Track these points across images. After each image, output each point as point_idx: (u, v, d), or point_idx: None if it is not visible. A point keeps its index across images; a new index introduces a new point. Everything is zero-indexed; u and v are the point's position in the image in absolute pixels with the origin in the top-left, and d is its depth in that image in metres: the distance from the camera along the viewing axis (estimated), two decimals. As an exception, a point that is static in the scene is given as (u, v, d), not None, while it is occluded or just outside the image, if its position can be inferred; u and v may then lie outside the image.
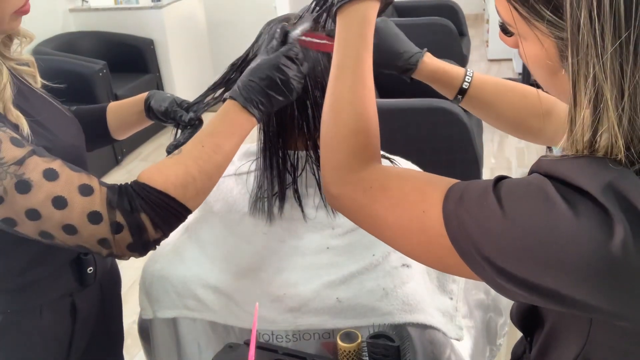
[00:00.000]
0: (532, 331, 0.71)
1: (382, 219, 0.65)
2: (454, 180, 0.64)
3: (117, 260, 1.23)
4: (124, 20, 4.35)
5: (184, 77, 4.56)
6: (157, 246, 0.89)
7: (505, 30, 0.63)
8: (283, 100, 0.91)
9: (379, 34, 0.96)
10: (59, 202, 0.80)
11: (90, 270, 1.05)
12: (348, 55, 0.75)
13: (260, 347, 0.94)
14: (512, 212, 0.54)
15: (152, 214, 0.84)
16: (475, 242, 0.56)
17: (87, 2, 4.47)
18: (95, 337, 1.11)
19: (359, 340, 0.90)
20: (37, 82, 1.03)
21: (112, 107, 1.20)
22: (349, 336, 0.90)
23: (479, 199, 0.57)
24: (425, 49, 1.01)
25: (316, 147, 1.00)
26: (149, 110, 1.14)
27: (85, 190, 0.82)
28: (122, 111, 1.19)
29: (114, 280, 1.20)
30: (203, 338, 1.04)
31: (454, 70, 0.99)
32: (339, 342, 0.90)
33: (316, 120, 0.98)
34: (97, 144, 1.23)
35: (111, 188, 0.85)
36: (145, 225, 0.85)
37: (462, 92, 0.98)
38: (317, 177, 1.01)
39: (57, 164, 0.82)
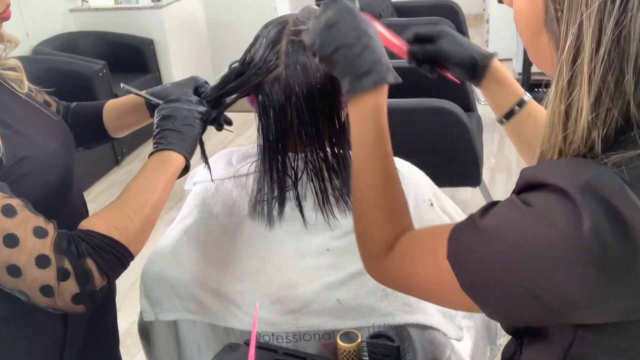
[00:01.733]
0: (522, 334, 0.71)
1: (416, 285, 0.70)
2: (453, 225, 0.65)
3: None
4: (124, 20, 4.35)
5: (184, 77, 4.54)
6: (100, 297, 0.87)
7: None
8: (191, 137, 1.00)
9: (450, 33, 0.97)
10: (11, 240, 0.79)
11: None
12: (366, 151, 0.77)
13: (260, 347, 0.94)
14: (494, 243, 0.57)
15: (98, 259, 0.84)
16: (475, 280, 0.59)
17: (87, 2, 4.47)
18: (88, 342, 1.10)
19: (359, 340, 0.90)
20: (24, 87, 1.02)
21: (110, 105, 1.19)
22: (349, 336, 0.90)
23: (467, 240, 0.61)
24: (497, 52, 1.01)
25: (315, 150, 1.00)
26: (151, 110, 1.13)
27: (40, 233, 0.82)
28: (121, 110, 1.18)
29: None
30: (203, 339, 1.04)
31: (517, 83, 0.99)
32: (339, 342, 0.90)
33: (315, 124, 0.98)
34: (94, 142, 1.23)
35: (60, 234, 0.84)
36: (92, 272, 0.84)
37: (521, 104, 0.96)
38: (315, 182, 1.01)
39: (16, 202, 0.82)
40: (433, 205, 1.06)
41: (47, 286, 0.81)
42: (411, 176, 1.08)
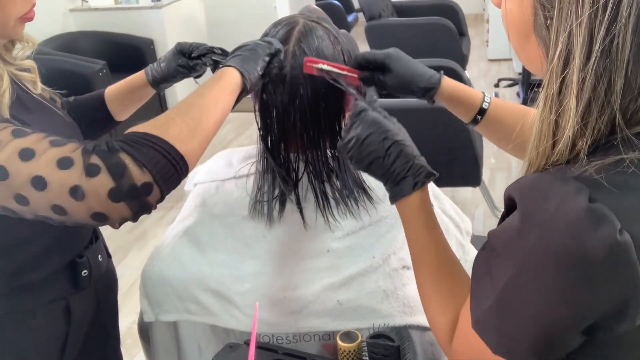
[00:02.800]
0: None
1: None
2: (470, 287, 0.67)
3: (116, 262, 1.23)
4: (124, 20, 4.35)
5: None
6: (154, 202, 0.78)
7: None
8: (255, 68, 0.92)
9: (396, 61, 0.97)
10: (26, 154, 0.75)
11: (85, 273, 1.05)
12: (419, 248, 0.80)
13: (260, 347, 0.94)
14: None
15: (132, 151, 0.75)
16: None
17: (87, 2, 4.47)
18: (90, 340, 1.11)
19: (359, 340, 0.90)
20: (37, 88, 1.03)
21: (111, 91, 1.22)
22: (349, 336, 0.90)
23: (482, 309, 0.61)
24: (442, 71, 1.02)
25: (316, 153, 1.00)
26: (154, 85, 1.17)
27: (57, 142, 0.77)
28: (123, 92, 1.21)
29: (109, 283, 1.19)
30: (203, 339, 1.04)
31: (473, 91, 1.00)
32: (339, 342, 0.90)
33: (317, 127, 0.98)
34: (100, 130, 1.25)
35: (87, 143, 0.79)
36: (126, 164, 0.75)
37: (482, 112, 0.97)
38: (315, 183, 1.01)
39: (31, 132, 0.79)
40: (433, 206, 1.06)
41: (74, 187, 0.73)
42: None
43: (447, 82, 0.99)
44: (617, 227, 0.50)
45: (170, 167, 0.78)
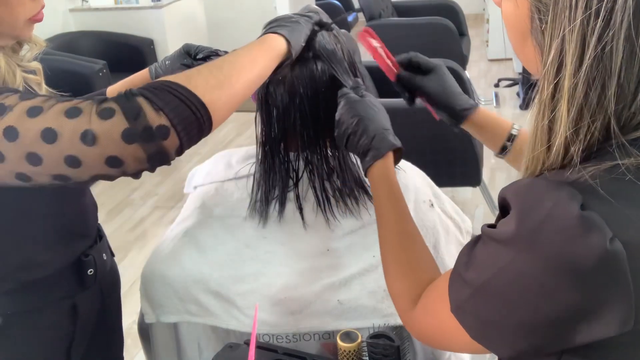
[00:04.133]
0: None
1: (440, 338, 0.70)
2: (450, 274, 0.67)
3: (117, 261, 1.23)
4: (124, 20, 4.35)
5: (184, 77, 4.55)
6: (167, 147, 0.73)
7: None
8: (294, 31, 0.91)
9: (445, 73, 0.99)
10: (33, 111, 0.73)
11: (91, 272, 1.05)
12: (382, 212, 0.84)
13: (260, 347, 0.94)
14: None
15: (151, 95, 0.73)
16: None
17: (87, 2, 4.48)
18: (95, 339, 1.11)
19: (359, 340, 0.90)
20: (42, 89, 1.03)
21: (113, 90, 1.21)
22: (349, 336, 0.90)
23: (462, 294, 0.62)
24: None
25: (316, 152, 1.00)
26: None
27: (65, 99, 0.75)
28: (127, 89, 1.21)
29: (113, 281, 1.20)
30: (203, 339, 1.04)
31: (503, 120, 1.01)
32: (339, 342, 0.90)
33: (317, 126, 0.98)
34: None
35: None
36: (142, 107, 0.72)
37: (510, 138, 0.98)
38: (315, 182, 1.01)
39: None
40: (433, 205, 1.06)
41: (84, 132, 0.71)
42: (412, 177, 1.08)
43: (482, 110, 1.01)
44: (607, 236, 0.50)
45: (189, 114, 0.74)
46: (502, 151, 0.98)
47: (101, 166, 0.73)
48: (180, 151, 0.76)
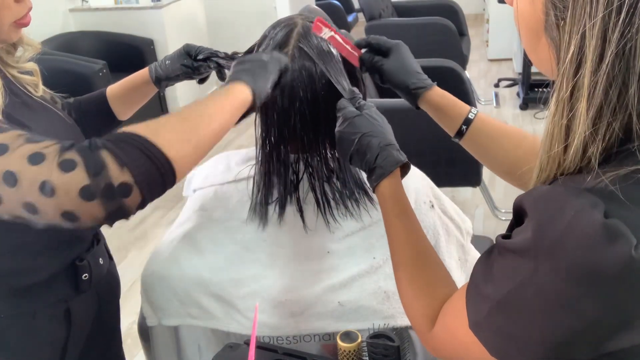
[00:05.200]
0: None
1: (463, 355, 0.69)
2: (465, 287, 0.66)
3: (117, 261, 1.23)
4: (124, 20, 4.35)
5: (184, 77, 4.55)
6: (128, 204, 0.71)
7: None
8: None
9: (401, 52, 0.99)
10: (1, 148, 0.71)
11: (85, 276, 1.04)
12: (392, 231, 0.83)
13: (260, 347, 0.94)
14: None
15: (116, 150, 0.70)
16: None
17: (87, 2, 4.47)
18: (91, 343, 1.10)
19: (359, 340, 0.90)
20: (39, 90, 1.02)
21: (113, 90, 1.21)
22: (349, 336, 0.90)
23: (481, 310, 0.61)
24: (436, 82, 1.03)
25: (316, 154, 0.99)
26: (157, 83, 1.17)
27: (33, 139, 0.73)
28: (124, 90, 1.21)
29: (111, 286, 1.18)
30: (203, 340, 1.04)
31: (460, 103, 1.00)
32: (339, 342, 0.90)
33: (317, 129, 0.98)
34: (103, 130, 1.23)
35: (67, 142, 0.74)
36: (106, 162, 0.69)
37: (467, 122, 0.97)
38: (316, 185, 1.01)
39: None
40: (434, 206, 1.06)
41: (43, 183, 0.68)
42: (412, 177, 1.08)
43: (437, 90, 0.99)
44: (632, 243, 0.49)
45: (154, 171, 0.72)
46: (458, 135, 0.97)
47: (57, 218, 0.70)
48: (141, 206, 0.74)
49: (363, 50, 1.01)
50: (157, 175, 0.73)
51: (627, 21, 0.50)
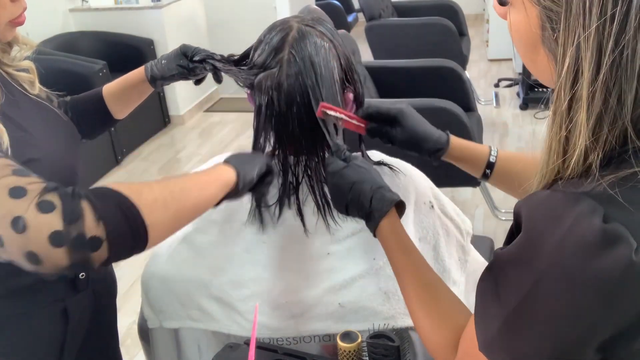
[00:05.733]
0: None
1: None
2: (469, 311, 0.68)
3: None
4: (124, 20, 4.35)
5: (184, 77, 4.55)
6: (94, 259, 0.70)
7: (500, 0, 0.64)
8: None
9: (407, 119, 1.00)
10: None
11: (82, 275, 1.04)
12: (399, 269, 0.84)
13: (260, 347, 0.94)
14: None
15: (97, 203, 0.70)
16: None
17: (87, 2, 4.47)
18: (88, 342, 1.11)
19: (359, 340, 0.90)
20: (35, 88, 1.03)
21: (109, 89, 1.21)
22: (349, 336, 0.90)
23: (490, 331, 0.61)
24: (448, 131, 1.04)
25: (314, 156, 0.99)
26: (152, 83, 1.17)
27: (20, 172, 0.72)
28: (120, 88, 1.21)
29: (108, 285, 1.19)
30: (203, 340, 1.04)
31: (479, 147, 1.01)
32: (339, 342, 0.90)
33: (314, 132, 0.98)
34: (99, 128, 1.24)
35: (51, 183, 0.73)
36: (84, 212, 0.69)
37: (490, 166, 0.99)
38: (315, 187, 1.00)
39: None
40: (434, 207, 1.06)
41: (17, 217, 0.66)
42: (412, 178, 1.08)
43: (454, 142, 1.01)
44: (633, 246, 0.49)
45: (127, 234, 0.72)
46: (485, 177, 0.99)
47: (20, 257, 0.69)
48: (104, 264, 0.72)
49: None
50: (129, 238, 0.72)
51: (621, 29, 0.50)
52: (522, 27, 0.60)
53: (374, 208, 0.86)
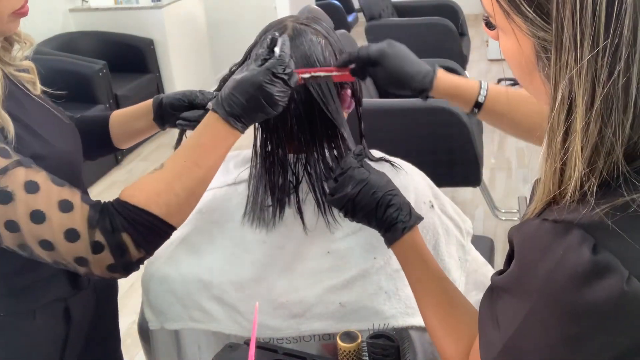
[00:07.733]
0: None
1: None
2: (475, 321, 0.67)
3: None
4: (124, 20, 4.35)
5: (184, 77, 4.56)
6: (140, 266, 0.89)
7: (488, 24, 0.63)
8: (266, 116, 0.89)
9: (389, 59, 0.97)
10: (37, 217, 0.80)
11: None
12: (417, 285, 0.85)
13: (260, 347, 0.94)
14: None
15: (134, 233, 0.83)
16: None
17: (87, 2, 4.47)
18: (90, 341, 1.11)
19: (359, 340, 0.90)
20: (37, 89, 1.02)
21: (116, 116, 1.19)
22: (349, 336, 0.90)
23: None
24: (437, 65, 1.00)
25: (313, 154, 0.99)
26: (158, 111, 1.13)
27: (65, 206, 0.81)
28: (127, 120, 1.19)
29: (109, 284, 1.19)
30: (204, 340, 1.04)
31: (469, 85, 0.99)
32: (339, 342, 0.90)
33: (314, 130, 0.98)
34: (99, 152, 1.23)
35: (94, 206, 0.84)
36: (127, 245, 0.83)
37: (478, 105, 0.98)
38: (315, 185, 1.00)
39: (41, 177, 0.82)
40: (434, 206, 1.06)
41: (81, 258, 0.82)
42: (412, 177, 1.08)
43: (442, 80, 0.98)
44: (624, 276, 0.49)
45: (162, 240, 0.89)
46: (474, 110, 0.99)
47: (81, 271, 0.85)
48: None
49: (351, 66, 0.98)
50: (161, 242, 0.90)
51: (614, 60, 0.49)
52: (515, 53, 0.59)
53: (399, 221, 0.85)
